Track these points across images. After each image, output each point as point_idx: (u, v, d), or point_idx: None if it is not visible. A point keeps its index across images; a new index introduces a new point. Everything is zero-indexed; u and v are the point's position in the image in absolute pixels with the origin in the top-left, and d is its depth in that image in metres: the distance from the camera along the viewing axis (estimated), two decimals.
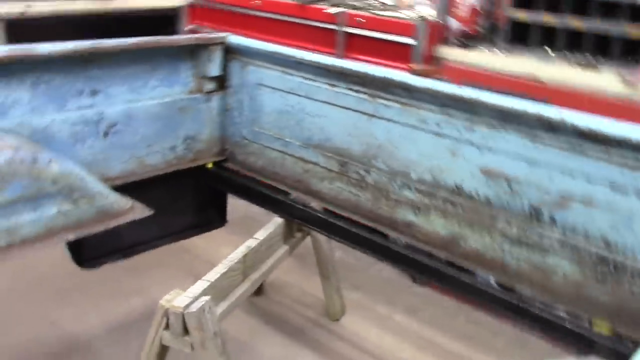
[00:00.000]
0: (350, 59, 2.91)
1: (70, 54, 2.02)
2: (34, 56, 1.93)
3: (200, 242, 2.94)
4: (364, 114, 2.11)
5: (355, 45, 3.10)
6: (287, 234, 2.42)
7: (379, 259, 2.14)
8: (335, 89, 2.17)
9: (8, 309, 2.66)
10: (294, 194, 2.36)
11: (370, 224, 2.17)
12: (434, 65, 2.71)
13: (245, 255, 2.08)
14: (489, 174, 1.86)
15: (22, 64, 1.97)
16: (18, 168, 1.74)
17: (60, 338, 2.52)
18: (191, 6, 3.86)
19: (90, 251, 2.33)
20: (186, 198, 2.62)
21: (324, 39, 3.18)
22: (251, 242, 2.16)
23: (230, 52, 2.48)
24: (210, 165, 2.59)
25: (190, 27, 3.83)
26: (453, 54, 2.75)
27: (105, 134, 2.20)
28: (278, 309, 2.79)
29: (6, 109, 1.96)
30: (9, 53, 1.88)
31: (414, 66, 2.72)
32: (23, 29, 3.48)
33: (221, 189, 2.60)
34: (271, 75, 2.37)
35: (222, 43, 2.45)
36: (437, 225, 2.01)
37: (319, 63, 2.17)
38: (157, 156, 2.39)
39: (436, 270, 2.00)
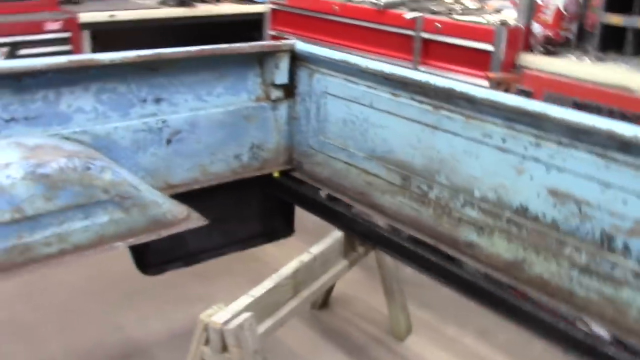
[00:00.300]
0: (427, 66, 2.78)
1: (132, 62, 2.04)
2: (94, 65, 1.96)
3: (271, 250, 2.91)
4: (427, 125, 2.00)
5: (432, 52, 2.96)
6: (348, 248, 2.34)
7: (442, 283, 2.01)
8: (398, 98, 2.07)
9: (79, 309, 2.75)
10: (357, 207, 2.28)
11: (431, 242, 2.05)
12: (514, 74, 2.53)
13: (296, 271, 2.01)
14: (557, 196, 1.69)
15: (86, 73, 2.02)
16: (70, 176, 1.77)
17: (122, 342, 2.57)
18: (274, 12, 3.86)
19: (153, 257, 2.35)
20: (252, 206, 2.60)
21: (401, 45, 3.07)
22: (305, 257, 2.10)
23: (298, 59, 2.43)
24: (276, 174, 2.55)
25: (272, 32, 3.83)
26: (535, 61, 2.56)
27: (168, 142, 2.21)
28: (341, 324, 2.71)
29: (70, 116, 2.01)
30: (70, 62, 1.92)
31: (491, 74, 2.55)
32: (109, 36, 3.62)
33: (285, 199, 2.55)
34: (336, 83, 2.30)
35: (289, 50, 2.40)
36: (500, 247, 1.86)
37: (382, 71, 2.07)
38: (221, 164, 2.38)
39: (501, 299, 1.84)
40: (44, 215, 1.75)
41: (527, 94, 2.36)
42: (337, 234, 2.26)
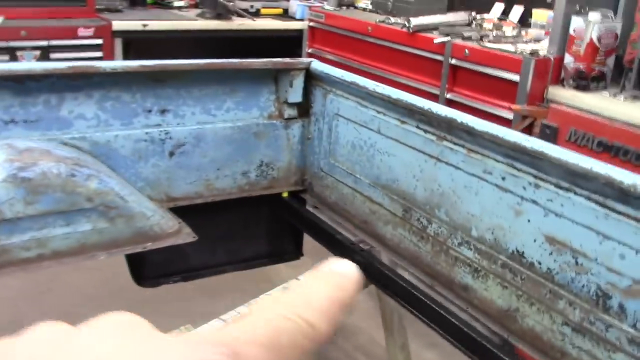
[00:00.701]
0: (455, 93, 2.65)
1: (134, 71, 2.02)
2: (94, 72, 1.95)
3: (284, 271, 2.85)
4: (431, 157, 1.88)
5: (460, 79, 2.83)
6: None
7: (433, 329, 1.87)
8: (405, 126, 1.96)
9: (81, 314, 2.73)
10: (358, 237, 2.17)
11: (427, 281, 1.92)
12: (540, 107, 2.37)
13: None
14: (553, 243, 1.55)
15: (90, 80, 2.01)
16: (52, 181, 1.75)
17: None
18: (312, 30, 3.81)
19: (150, 269, 2.32)
20: (259, 225, 2.53)
21: (431, 70, 2.96)
22: (291, 284, 2.01)
23: (313, 78, 2.36)
24: (285, 195, 2.48)
25: (309, 50, 3.78)
26: (565, 95, 2.39)
27: (171, 154, 2.18)
28: (338, 356, 2.60)
29: (70, 122, 2.00)
30: (70, 68, 1.91)
31: (515, 106, 2.40)
32: (143, 46, 3.66)
33: (290, 220, 2.47)
34: (348, 105, 2.21)
35: (305, 69, 2.33)
36: (494, 293, 1.72)
37: (389, 96, 1.98)
38: (227, 180, 2.33)
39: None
40: (23, 219, 1.74)
41: (551, 130, 2.20)
42: None
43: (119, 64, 1.98)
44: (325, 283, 0.37)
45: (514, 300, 1.66)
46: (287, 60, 2.32)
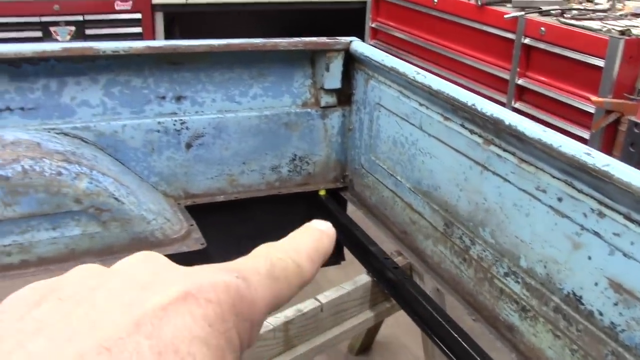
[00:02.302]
0: (527, 79, 2.24)
1: (140, 53, 1.78)
2: (92, 55, 1.73)
3: (332, 271, 2.57)
4: (476, 163, 1.54)
5: (535, 62, 2.40)
6: (377, 297, 1.93)
7: None
8: (448, 123, 1.63)
9: None
10: (393, 251, 1.87)
11: (468, 312, 1.60)
12: (629, 100, 1.93)
13: (289, 322, 1.65)
14: (620, 291, 1.18)
15: (94, 62, 1.80)
16: (34, 181, 1.55)
17: None
18: (376, 1, 3.44)
19: None
20: (293, 226, 2.23)
21: (500, 50, 2.54)
22: (306, 305, 1.73)
23: (355, 61, 2.05)
24: (322, 193, 2.19)
25: (373, 25, 3.42)
26: None
27: (188, 146, 1.94)
28: None
29: (73, 109, 1.80)
30: (64, 50, 1.70)
31: (596, 99, 1.98)
32: (190, 20, 3.42)
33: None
34: (389, 95, 1.89)
35: (343, 50, 2.02)
36: (544, 341, 1.38)
37: (429, 87, 1.64)
38: (254, 176, 2.07)
39: None
40: (2, 222, 1.56)
41: None
42: (363, 279, 1.86)
43: (121, 45, 1.75)
44: (309, 235, 0.47)
45: (567, 354, 1.32)
46: (323, 39, 2.01)
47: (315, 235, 0.47)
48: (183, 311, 0.34)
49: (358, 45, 2.00)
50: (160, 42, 1.80)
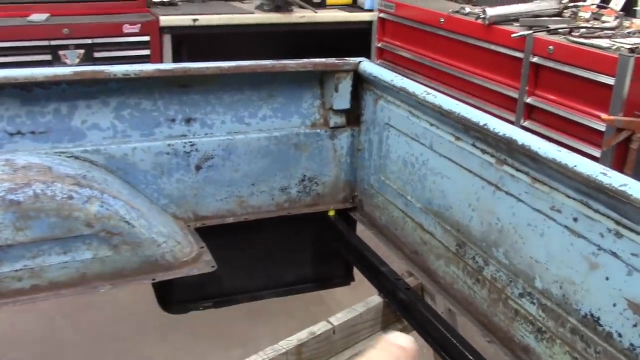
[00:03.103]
0: (536, 97, 2.24)
1: (150, 76, 1.79)
2: (102, 78, 1.73)
3: (340, 293, 2.55)
4: (489, 183, 1.53)
5: (543, 81, 2.40)
6: (389, 319, 1.91)
7: None
8: (459, 143, 1.62)
9: (115, 334, 2.58)
10: (404, 271, 1.86)
11: (482, 333, 1.58)
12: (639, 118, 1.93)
13: (302, 345, 1.64)
14: (638, 311, 1.17)
15: (105, 85, 1.80)
16: (45, 205, 1.55)
17: None
18: (382, 21, 3.45)
19: (178, 293, 2.10)
20: (303, 246, 2.25)
21: (509, 69, 2.53)
22: (319, 327, 1.72)
23: (364, 81, 2.05)
24: (332, 213, 2.18)
25: (379, 45, 3.43)
26: None
27: (198, 168, 1.94)
28: None
29: (83, 133, 1.80)
30: (75, 74, 1.71)
31: (606, 117, 1.98)
32: (196, 42, 3.43)
33: (335, 243, 2.17)
34: (399, 115, 1.89)
35: (352, 71, 2.02)
36: None
37: (440, 107, 1.64)
38: (263, 197, 2.06)
39: None
40: (14, 246, 1.55)
41: None
42: (375, 300, 1.85)
43: (132, 68, 1.76)
44: (390, 355, 0.47)
45: None
46: (332, 60, 2.02)
47: (396, 354, 0.46)
48: None
49: (367, 66, 2.00)
50: (170, 65, 1.82)
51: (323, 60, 2.01)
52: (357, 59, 2.04)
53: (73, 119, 1.79)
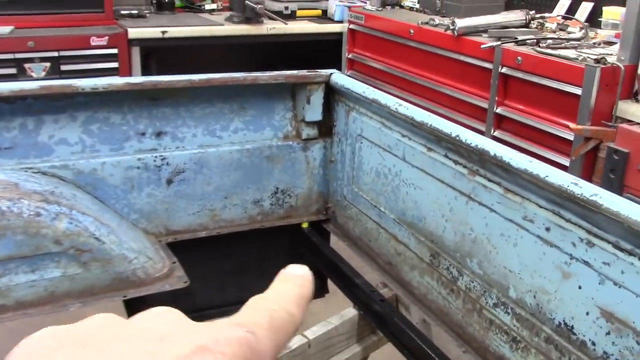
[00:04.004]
0: (506, 107, 2.27)
1: (120, 90, 1.77)
2: (70, 92, 1.70)
3: (316, 304, 2.53)
4: (461, 193, 1.54)
5: (512, 91, 2.43)
6: (364, 331, 1.91)
7: None
8: (432, 154, 1.63)
9: None
10: (379, 283, 1.85)
11: (457, 343, 1.58)
12: (607, 127, 1.96)
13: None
14: (611, 320, 1.18)
15: (72, 100, 1.77)
16: (12, 222, 1.51)
17: None
18: (352, 33, 3.46)
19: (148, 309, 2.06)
20: (276, 259, 2.23)
21: (479, 79, 2.56)
22: (294, 341, 1.70)
23: (336, 93, 2.05)
24: (305, 225, 2.17)
25: (349, 55, 3.44)
26: (639, 113, 1.97)
27: (169, 182, 1.91)
28: None
29: (51, 148, 1.77)
30: (42, 88, 1.67)
31: (575, 126, 2.00)
32: (165, 54, 3.40)
33: (309, 256, 2.16)
34: (371, 126, 1.89)
35: (324, 82, 2.02)
36: None
37: (412, 119, 1.64)
38: (236, 210, 2.05)
39: None
40: None
41: (621, 156, 1.80)
42: (350, 313, 1.84)
43: (100, 82, 1.73)
44: (291, 283, 0.48)
45: None
46: (303, 72, 2.01)
47: (297, 281, 0.49)
48: None
49: (338, 78, 2.00)
50: (140, 79, 1.79)
51: (294, 72, 2.00)
52: (329, 71, 2.04)
53: (40, 134, 1.76)
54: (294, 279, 0.50)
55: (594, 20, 2.96)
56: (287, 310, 0.46)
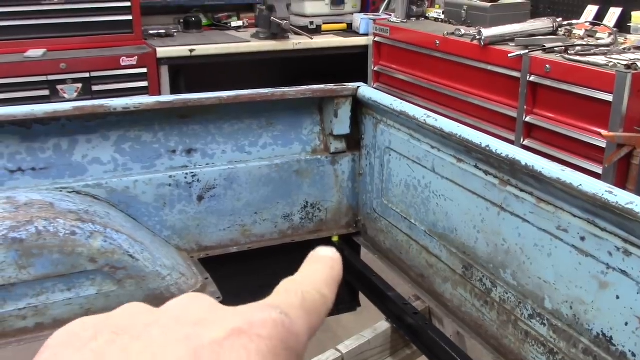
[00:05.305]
0: (535, 116, 2.25)
1: (151, 109, 1.79)
2: (102, 112, 1.74)
3: (346, 319, 2.53)
4: (493, 204, 1.53)
5: (541, 99, 2.41)
6: (398, 344, 1.90)
7: None
8: (462, 165, 1.62)
9: None
10: (411, 295, 1.84)
11: (495, 358, 1.56)
12: (639, 133, 1.93)
13: None
14: None
15: (104, 120, 1.80)
16: (48, 242, 1.54)
17: None
18: (377, 45, 3.47)
19: None
20: None
21: (507, 89, 2.54)
22: (328, 355, 1.70)
23: (363, 106, 2.05)
24: (335, 239, 2.17)
25: (375, 68, 3.44)
26: None
27: (200, 198, 1.94)
28: None
29: (84, 167, 1.80)
30: (75, 109, 1.71)
31: (607, 133, 1.98)
32: (195, 72, 3.44)
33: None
34: (399, 138, 1.89)
35: (351, 96, 2.03)
36: None
37: (441, 130, 1.64)
38: (266, 225, 2.06)
39: None
40: (17, 285, 1.54)
41: None
42: (383, 326, 1.83)
43: (132, 101, 1.76)
44: (321, 265, 0.49)
45: None
46: (330, 86, 2.02)
47: (327, 262, 0.49)
48: (238, 346, 0.36)
49: (365, 91, 2.01)
50: (170, 97, 1.81)
51: (322, 86, 2.01)
52: (356, 84, 2.04)
53: (73, 154, 1.79)
54: (324, 260, 0.50)
55: (623, 25, 2.92)
56: (319, 291, 0.46)
